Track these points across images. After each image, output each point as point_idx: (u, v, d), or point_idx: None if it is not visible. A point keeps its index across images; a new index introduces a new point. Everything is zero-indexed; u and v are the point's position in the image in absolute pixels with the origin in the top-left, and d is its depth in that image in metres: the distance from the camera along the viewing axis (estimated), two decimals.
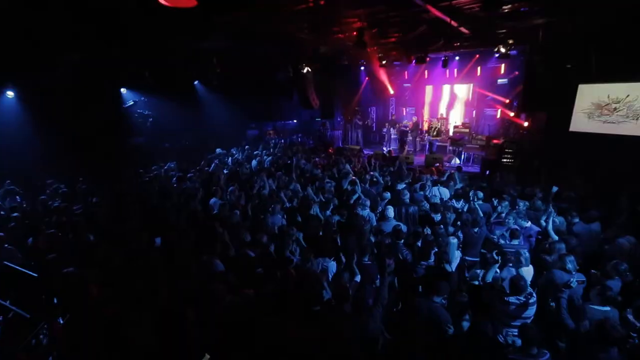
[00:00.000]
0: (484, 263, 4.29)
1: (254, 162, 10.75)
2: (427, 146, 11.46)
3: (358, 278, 4.29)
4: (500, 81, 14.32)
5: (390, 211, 5.78)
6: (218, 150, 12.30)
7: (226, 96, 13.69)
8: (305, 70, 11.61)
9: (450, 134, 13.75)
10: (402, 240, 4.99)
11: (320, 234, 5.37)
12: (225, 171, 9.37)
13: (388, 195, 6.98)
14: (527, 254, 4.23)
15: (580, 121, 8.13)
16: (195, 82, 12.59)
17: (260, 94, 14.28)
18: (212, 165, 9.79)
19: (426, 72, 15.74)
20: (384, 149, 14.45)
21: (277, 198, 6.45)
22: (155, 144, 12.88)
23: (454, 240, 4.86)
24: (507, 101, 13.58)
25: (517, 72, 13.40)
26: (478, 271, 4.38)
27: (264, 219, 5.74)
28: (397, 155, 10.57)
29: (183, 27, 7.37)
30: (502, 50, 7.98)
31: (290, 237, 4.80)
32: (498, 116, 14.64)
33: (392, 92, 16.55)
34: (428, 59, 10.06)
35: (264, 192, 7.11)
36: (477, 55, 12.95)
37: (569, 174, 8.44)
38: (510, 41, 7.75)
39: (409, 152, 13.81)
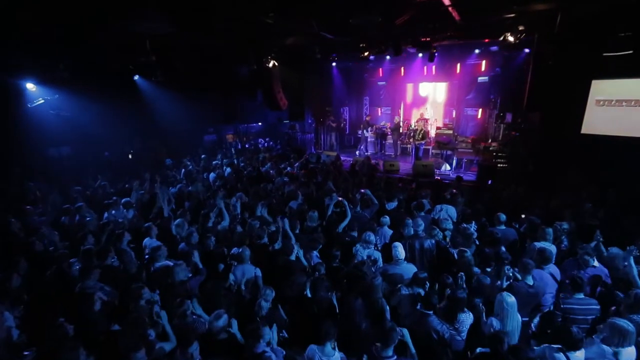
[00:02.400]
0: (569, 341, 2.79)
1: (211, 176, 8.78)
2: (413, 151, 10.12)
3: None
4: (480, 79, 13.43)
5: (400, 251, 4.19)
6: (168, 161, 10.15)
7: (177, 95, 11.47)
8: (271, 65, 9.80)
9: (432, 135, 12.64)
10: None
11: (308, 293, 3.66)
12: (174, 189, 7.35)
13: (387, 220, 5.44)
14: (632, 327, 2.81)
15: (594, 122, 7.10)
16: (136, 77, 10.28)
17: (219, 92, 12.20)
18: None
19: (402, 69, 14.53)
20: (358, 152, 13.02)
21: (245, 238, 4.65)
22: (85, 154, 10.42)
23: (510, 299, 3.36)
24: (491, 100, 12.71)
25: (498, 69, 12.59)
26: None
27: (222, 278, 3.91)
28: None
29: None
30: (510, 38, 6.75)
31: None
32: (479, 116, 13.80)
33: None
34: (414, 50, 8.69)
35: (222, 226, 5.27)
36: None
37: (581, 181, 7.46)
38: (521, 27, 6.51)
39: (389, 156, 12.48)
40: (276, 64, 9.86)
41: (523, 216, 5.95)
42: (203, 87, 11.54)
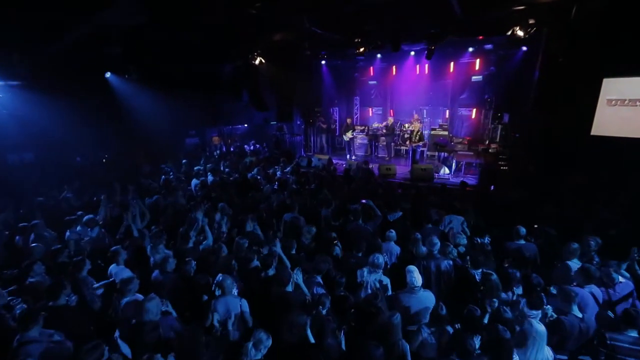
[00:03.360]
0: None
1: (194, 183, 7.98)
2: (410, 153, 9.56)
3: None
4: (474, 78, 13.04)
5: (417, 277, 3.55)
6: (145, 168, 9.27)
7: (156, 95, 10.55)
8: (257, 62, 9.07)
9: (425, 137, 12.13)
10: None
11: (309, 335, 2.97)
12: (150, 200, 6.51)
13: (394, 234, 4.82)
14: None
15: (605, 122, 6.68)
16: (108, 75, 9.32)
17: (201, 91, 11.35)
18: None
19: (394, 68, 14.03)
20: (348, 156, 12.32)
21: (231, 263, 3.91)
22: (51, 161, 9.41)
23: (540, 328, 2.79)
24: (486, 100, 12.31)
25: (493, 68, 12.22)
26: None
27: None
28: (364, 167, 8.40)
29: None
30: (519, 33, 6.24)
31: None
32: (473, 116, 13.42)
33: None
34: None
35: (205, 245, 4.52)
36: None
37: (587, 186, 7.05)
38: (531, 21, 6.01)
39: (382, 158, 11.91)
40: (263, 61, 9.16)
41: (536, 226, 5.44)
42: (184, 86, 10.68)
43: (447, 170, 9.26)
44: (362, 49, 7.87)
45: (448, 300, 3.77)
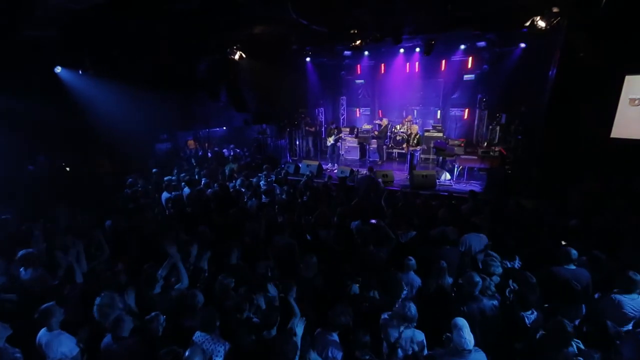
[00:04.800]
0: None
1: (164, 196, 6.80)
2: (409, 158, 8.76)
3: None
4: (466, 77, 12.51)
5: (467, 336, 2.65)
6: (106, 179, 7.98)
7: (122, 94, 9.21)
8: (237, 57, 7.99)
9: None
10: None
11: None
12: (109, 222, 5.31)
13: (413, 262, 3.94)
14: None
15: (627, 124, 6.11)
16: (58, 70, 7.93)
17: (174, 90, 10.07)
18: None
19: (383, 66, 13.27)
20: (332, 163, 11.11)
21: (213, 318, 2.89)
22: None
23: None
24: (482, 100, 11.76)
25: (486, 67, 11.68)
26: None
27: None
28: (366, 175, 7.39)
29: None
30: (541, 24, 5.53)
31: None
32: (466, 117, 12.86)
33: None
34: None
35: (178, 289, 3.46)
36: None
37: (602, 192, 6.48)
38: (555, 9, 5.30)
39: (374, 162, 11.08)
40: (243, 55, 8.09)
41: (564, 243, 4.72)
42: (153, 83, 9.39)
43: (448, 176, 8.53)
44: (358, 42, 6.96)
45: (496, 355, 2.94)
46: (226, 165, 8.93)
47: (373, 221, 4.60)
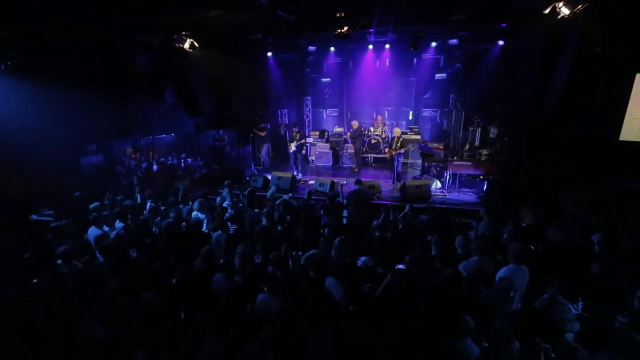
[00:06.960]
0: None
1: (92, 233, 4.95)
2: (395, 165, 7.67)
3: None
4: (438, 76, 11.90)
5: None
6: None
7: (33, 95, 6.96)
8: (187, 46, 6.31)
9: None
10: None
11: None
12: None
13: (472, 325, 2.78)
14: None
15: (637, 127, 5.58)
16: None
17: (105, 89, 7.96)
18: None
19: (350, 63, 12.20)
20: (295, 172, 9.44)
21: None
22: None
23: None
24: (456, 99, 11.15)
25: (459, 65, 11.12)
26: None
27: None
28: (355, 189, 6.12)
29: None
30: (565, 10, 4.70)
31: None
32: (438, 119, 12.26)
33: None
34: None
35: None
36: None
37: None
38: None
39: (350, 169, 9.94)
40: (195, 44, 6.42)
41: None
42: (78, 81, 7.25)
43: (439, 184, 7.62)
44: (345, 28, 5.67)
45: None
46: (179, 184, 7.10)
47: (400, 266, 3.34)
